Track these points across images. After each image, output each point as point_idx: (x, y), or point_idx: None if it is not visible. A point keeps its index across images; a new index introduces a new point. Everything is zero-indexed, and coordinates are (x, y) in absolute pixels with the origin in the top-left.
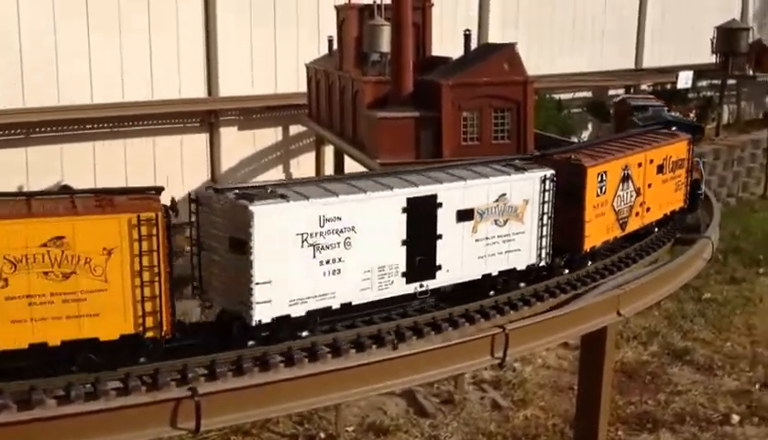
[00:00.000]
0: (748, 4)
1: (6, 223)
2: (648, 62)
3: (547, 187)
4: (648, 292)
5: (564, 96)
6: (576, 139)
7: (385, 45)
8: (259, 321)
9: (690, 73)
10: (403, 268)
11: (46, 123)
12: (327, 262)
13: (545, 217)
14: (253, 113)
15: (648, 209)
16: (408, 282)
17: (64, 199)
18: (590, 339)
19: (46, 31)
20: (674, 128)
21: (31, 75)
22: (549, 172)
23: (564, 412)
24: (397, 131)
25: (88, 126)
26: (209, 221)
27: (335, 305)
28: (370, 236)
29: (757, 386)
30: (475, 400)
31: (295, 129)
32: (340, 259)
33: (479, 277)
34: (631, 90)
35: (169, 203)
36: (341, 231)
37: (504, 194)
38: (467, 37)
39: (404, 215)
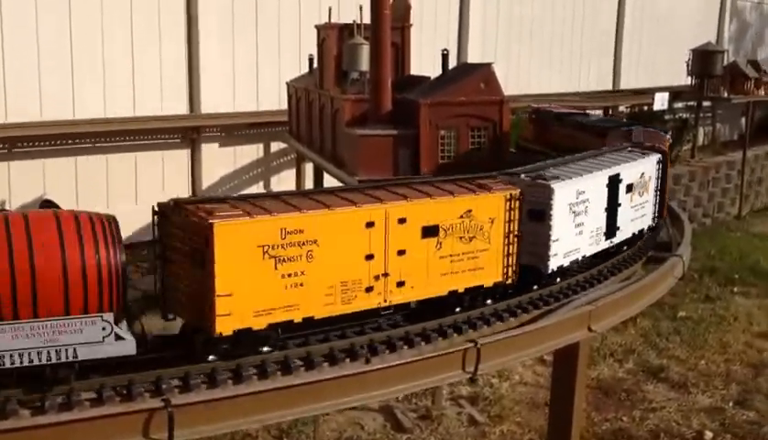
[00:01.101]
0: (723, 27)
1: (439, 200)
2: (625, 84)
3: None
4: (619, 309)
5: None
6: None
7: (364, 64)
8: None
9: (666, 95)
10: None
11: (28, 138)
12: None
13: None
14: (234, 130)
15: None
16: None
17: (449, 183)
18: (562, 355)
19: (28, 46)
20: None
21: (13, 90)
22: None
23: (539, 427)
24: (375, 149)
25: (69, 142)
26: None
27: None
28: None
29: (731, 403)
30: (452, 415)
31: (276, 146)
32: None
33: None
34: (609, 111)
35: None
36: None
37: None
38: (445, 56)
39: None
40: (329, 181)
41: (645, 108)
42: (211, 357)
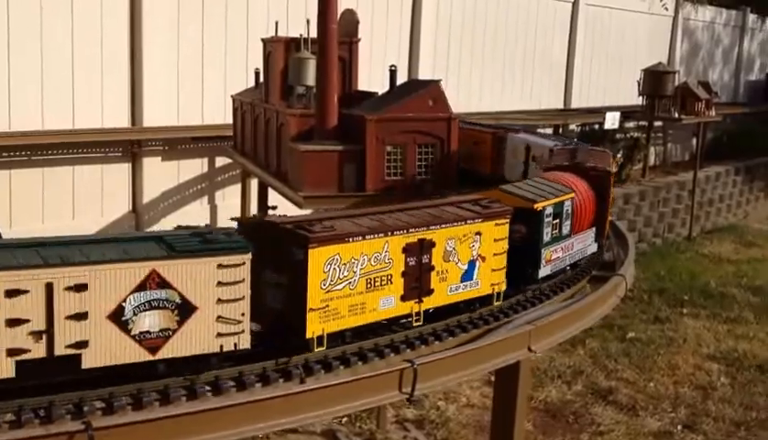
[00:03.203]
0: (675, 47)
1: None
2: (576, 102)
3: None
4: (559, 329)
5: None
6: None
7: (311, 78)
8: None
9: (617, 114)
10: None
11: None
12: None
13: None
14: (178, 143)
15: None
16: None
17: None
18: (503, 375)
19: None
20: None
21: None
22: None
23: None
24: (320, 164)
25: (4, 155)
26: None
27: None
28: None
29: (679, 427)
30: (397, 439)
31: (221, 161)
32: None
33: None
34: (560, 129)
35: None
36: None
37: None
38: (393, 72)
39: None
40: (273, 198)
41: (596, 127)
42: None
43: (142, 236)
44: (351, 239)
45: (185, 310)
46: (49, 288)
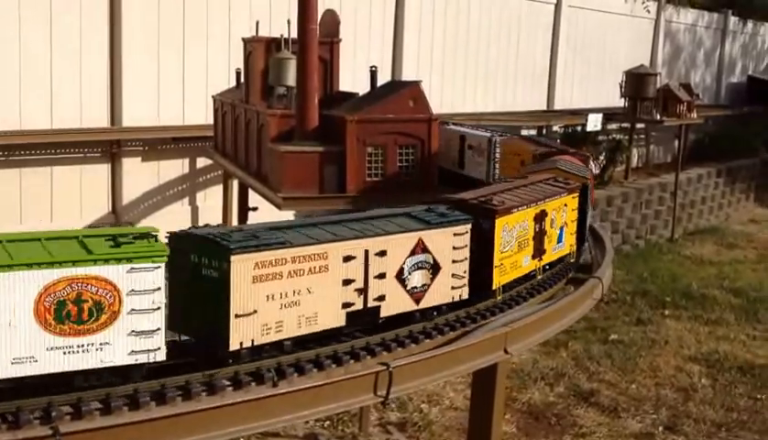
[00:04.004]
0: (657, 49)
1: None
2: (559, 104)
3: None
4: (536, 331)
5: None
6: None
7: (291, 79)
8: None
9: (599, 116)
10: None
11: None
12: None
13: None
14: (158, 144)
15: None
16: None
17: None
18: (481, 377)
19: None
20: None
21: None
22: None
23: None
24: (301, 165)
25: None
26: None
27: None
28: None
29: (660, 428)
30: None
31: (203, 162)
32: None
33: None
34: (543, 131)
35: None
36: None
37: None
38: (374, 73)
39: None
40: (254, 199)
41: (579, 128)
42: None
43: (393, 213)
44: (514, 211)
45: (435, 269)
46: (366, 254)
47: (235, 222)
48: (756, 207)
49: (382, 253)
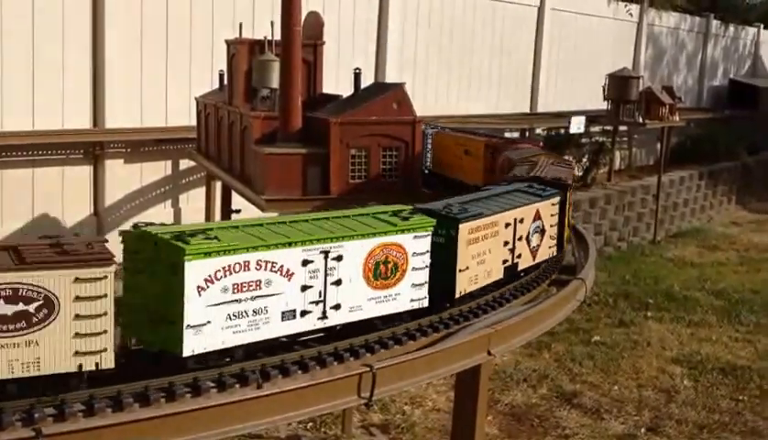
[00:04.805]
0: (640, 52)
1: None
2: (542, 107)
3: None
4: (519, 332)
5: None
6: None
7: (275, 81)
8: None
9: (582, 119)
10: None
11: None
12: None
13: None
14: (141, 145)
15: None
16: None
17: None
18: (464, 378)
19: None
20: None
21: None
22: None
23: None
24: (284, 167)
25: None
26: None
27: None
28: None
29: (643, 430)
30: None
31: (186, 164)
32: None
33: None
34: (526, 133)
35: None
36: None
37: None
38: (357, 75)
39: None
40: (237, 201)
41: (562, 131)
42: None
43: (507, 190)
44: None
45: (542, 232)
46: (515, 222)
47: None
48: (738, 210)
49: (522, 220)
